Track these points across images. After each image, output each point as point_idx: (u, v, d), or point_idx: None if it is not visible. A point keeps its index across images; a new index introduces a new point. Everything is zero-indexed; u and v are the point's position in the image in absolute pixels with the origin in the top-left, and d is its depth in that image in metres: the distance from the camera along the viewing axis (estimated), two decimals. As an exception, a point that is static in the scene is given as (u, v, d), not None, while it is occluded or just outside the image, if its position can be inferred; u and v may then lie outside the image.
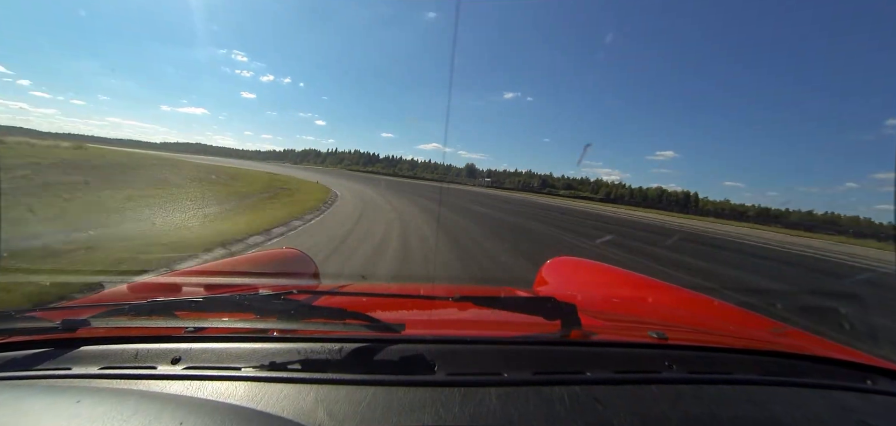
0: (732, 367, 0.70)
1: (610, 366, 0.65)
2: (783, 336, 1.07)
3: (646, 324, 1.05)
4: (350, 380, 0.56)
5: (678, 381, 0.63)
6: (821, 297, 5.61)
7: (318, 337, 0.67)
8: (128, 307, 0.69)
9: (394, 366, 0.60)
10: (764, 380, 0.66)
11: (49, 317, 0.64)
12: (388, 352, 0.63)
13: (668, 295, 1.41)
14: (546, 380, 0.60)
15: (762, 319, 1.18)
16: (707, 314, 1.26)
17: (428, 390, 0.56)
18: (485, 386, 0.57)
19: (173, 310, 0.68)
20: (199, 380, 0.56)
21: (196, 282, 1.17)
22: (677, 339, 0.79)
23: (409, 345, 0.64)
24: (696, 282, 5.95)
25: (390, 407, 0.52)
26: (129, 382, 0.56)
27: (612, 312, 1.22)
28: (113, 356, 0.62)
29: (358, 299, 1.09)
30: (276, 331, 0.68)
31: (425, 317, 0.97)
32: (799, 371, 0.73)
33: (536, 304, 0.89)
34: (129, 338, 0.65)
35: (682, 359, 0.70)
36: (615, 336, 0.87)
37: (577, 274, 1.77)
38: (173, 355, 0.61)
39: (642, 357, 0.70)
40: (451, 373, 0.60)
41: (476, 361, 0.63)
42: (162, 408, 0.44)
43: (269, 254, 1.60)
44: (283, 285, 1.30)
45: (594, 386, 0.59)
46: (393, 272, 4.76)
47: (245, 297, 0.77)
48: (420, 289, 1.59)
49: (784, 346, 0.85)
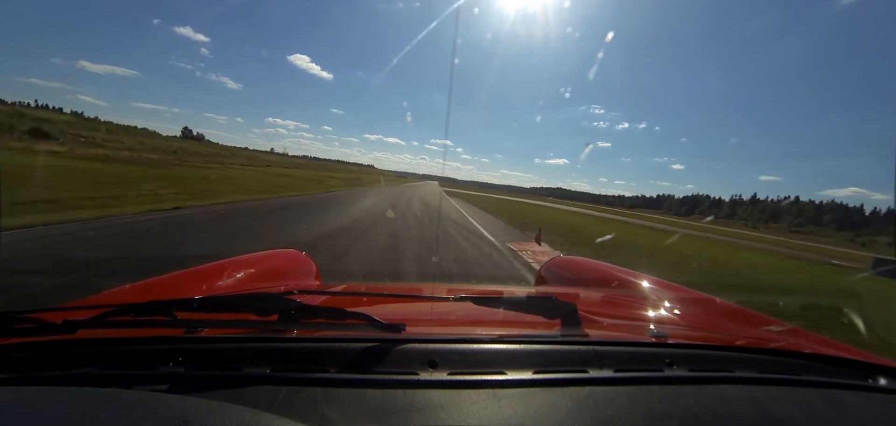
0: (733, 366, 0.70)
1: (611, 365, 0.65)
2: (784, 334, 1.07)
3: (646, 323, 1.05)
4: (351, 381, 0.56)
5: (679, 380, 0.63)
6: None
7: (318, 337, 0.66)
8: (128, 307, 0.69)
9: (395, 366, 0.60)
10: (764, 379, 0.66)
11: (49, 317, 0.64)
12: (389, 352, 0.63)
13: (669, 294, 1.41)
14: (547, 380, 0.60)
15: (762, 318, 1.18)
16: (707, 313, 1.26)
17: (429, 390, 0.56)
18: (486, 386, 0.57)
19: (174, 311, 0.67)
20: (200, 381, 0.56)
21: (196, 282, 1.16)
22: (678, 338, 0.79)
23: (409, 345, 0.64)
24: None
25: (391, 407, 0.52)
26: (130, 383, 0.56)
27: (613, 311, 1.22)
28: (114, 357, 0.62)
29: (358, 299, 1.09)
30: (276, 331, 0.68)
31: (426, 317, 0.97)
32: (799, 369, 0.73)
33: (537, 304, 0.89)
34: (129, 339, 0.65)
35: (682, 357, 0.70)
36: (616, 335, 0.87)
37: (577, 273, 1.77)
38: (174, 356, 0.61)
39: (643, 356, 0.70)
40: (453, 372, 0.60)
41: (477, 361, 0.63)
42: (163, 408, 0.44)
43: (269, 255, 1.60)
44: (284, 285, 1.29)
45: (595, 385, 0.59)
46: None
47: (245, 297, 0.77)
48: (421, 289, 1.59)
49: (784, 345, 0.85)
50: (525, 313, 0.92)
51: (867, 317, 5.08)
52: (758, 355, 0.75)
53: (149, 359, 0.61)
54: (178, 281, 1.15)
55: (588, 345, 0.69)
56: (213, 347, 0.64)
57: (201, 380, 0.56)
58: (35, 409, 0.44)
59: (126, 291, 1.02)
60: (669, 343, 0.74)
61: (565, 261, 2.08)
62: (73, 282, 3.38)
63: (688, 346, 0.75)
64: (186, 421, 0.41)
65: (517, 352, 0.65)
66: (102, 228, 5.61)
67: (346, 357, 0.61)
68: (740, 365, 0.71)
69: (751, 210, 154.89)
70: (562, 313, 0.77)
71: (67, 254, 4.22)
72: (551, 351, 0.67)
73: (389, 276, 4.73)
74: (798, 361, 0.75)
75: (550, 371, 0.62)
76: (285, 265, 1.55)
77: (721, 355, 0.73)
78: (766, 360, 0.74)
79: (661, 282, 1.53)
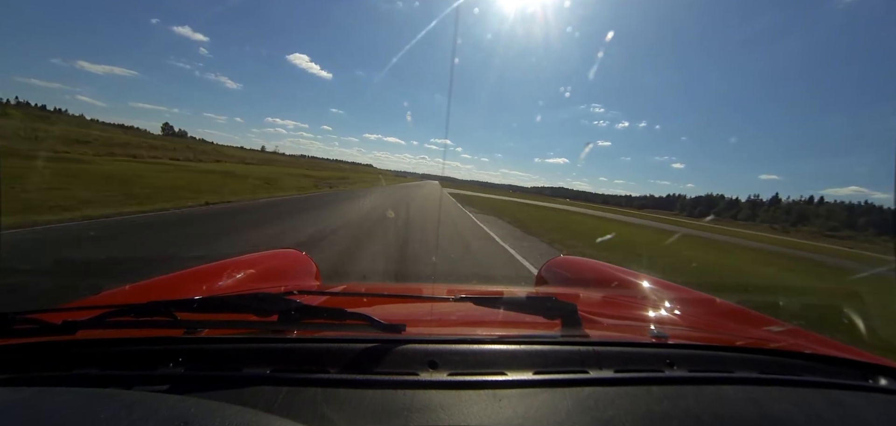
0: (733, 366, 0.70)
1: (611, 366, 0.65)
2: (784, 335, 1.07)
3: (646, 324, 1.04)
4: (351, 381, 0.56)
5: (679, 380, 0.63)
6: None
7: (318, 337, 0.66)
8: (128, 308, 0.69)
9: (395, 367, 0.60)
10: (764, 379, 0.66)
11: (49, 318, 0.64)
12: (389, 352, 0.63)
13: (669, 294, 1.41)
14: (548, 380, 0.60)
15: (763, 318, 1.18)
16: (708, 313, 1.26)
17: (429, 391, 0.56)
18: (486, 386, 0.57)
19: (174, 311, 0.67)
20: (200, 381, 0.56)
21: (196, 282, 1.17)
22: (678, 338, 0.79)
23: (409, 345, 0.64)
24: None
25: (391, 408, 0.52)
26: (130, 383, 0.56)
27: (613, 312, 1.22)
28: (113, 357, 0.62)
29: (358, 300, 1.09)
30: (276, 331, 0.68)
31: (426, 317, 0.97)
32: (799, 369, 0.73)
33: (537, 304, 0.89)
34: (129, 340, 0.65)
35: (683, 358, 0.70)
36: (616, 335, 0.87)
37: (577, 273, 1.77)
38: (174, 356, 0.61)
39: (643, 356, 0.70)
40: (453, 373, 0.60)
41: (477, 361, 0.63)
42: (163, 409, 0.44)
43: (269, 255, 1.60)
44: (284, 286, 1.30)
45: (596, 385, 0.59)
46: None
47: (245, 298, 0.77)
48: (421, 289, 1.59)
49: (785, 345, 0.85)
50: (525, 313, 0.92)
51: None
52: (758, 355, 0.75)
53: (149, 359, 0.61)
54: (178, 281, 1.15)
55: (588, 346, 0.69)
56: (214, 348, 0.64)
57: (201, 381, 0.56)
58: (35, 409, 0.44)
59: (126, 292, 1.02)
60: (670, 343, 0.74)
61: (565, 261, 2.08)
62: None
63: (688, 347, 0.75)
64: (187, 421, 0.41)
65: (517, 352, 0.65)
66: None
67: (346, 357, 0.61)
68: (741, 365, 0.71)
69: (773, 211, 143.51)
70: (562, 313, 0.77)
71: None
72: (551, 351, 0.67)
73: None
74: (798, 361, 0.75)
75: (551, 371, 0.62)
76: (285, 265, 1.55)
77: (721, 355, 0.73)
78: (767, 361, 0.74)
79: (661, 283, 1.53)
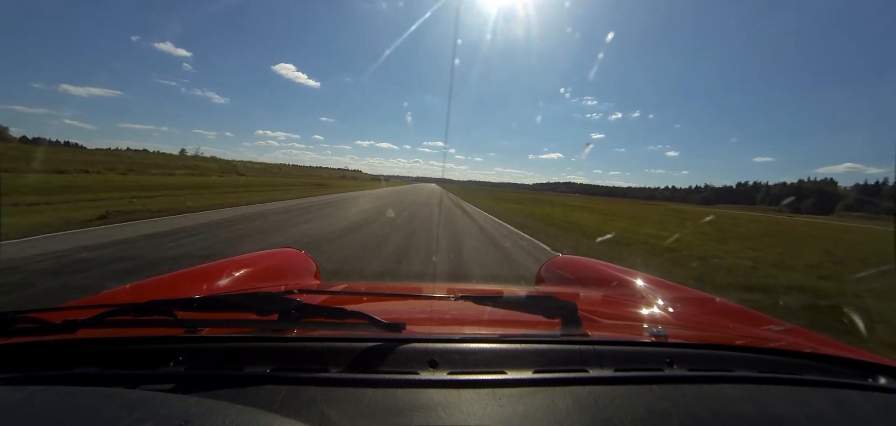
0: (733, 365, 0.70)
1: (611, 365, 0.65)
2: (784, 334, 1.07)
3: (646, 323, 1.05)
4: (351, 380, 0.56)
5: (679, 380, 0.63)
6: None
7: (318, 336, 0.66)
8: (128, 307, 0.69)
9: (395, 366, 0.60)
10: (765, 378, 0.66)
11: (50, 317, 0.64)
12: (389, 351, 0.63)
13: (669, 293, 1.41)
14: (547, 379, 0.60)
15: (762, 317, 1.18)
16: (707, 312, 1.26)
17: (429, 390, 0.56)
18: (486, 385, 0.57)
19: (174, 310, 0.67)
20: (201, 380, 0.56)
21: (197, 281, 1.17)
22: (678, 337, 0.79)
23: (410, 344, 0.64)
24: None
25: (391, 407, 0.52)
26: (131, 383, 0.56)
27: (613, 311, 1.22)
28: (114, 356, 0.62)
29: (358, 299, 1.09)
30: (276, 330, 0.68)
31: (426, 316, 0.97)
32: (799, 368, 0.73)
33: (537, 303, 0.89)
34: (129, 339, 0.65)
35: (682, 357, 0.70)
36: (616, 334, 0.87)
37: (576, 273, 1.77)
38: (174, 355, 0.61)
39: (643, 355, 0.70)
40: (453, 372, 0.60)
41: (477, 360, 0.63)
42: (163, 408, 0.44)
43: (269, 254, 1.60)
44: (284, 285, 1.30)
45: (595, 384, 0.59)
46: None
47: (245, 297, 0.77)
48: (421, 288, 1.59)
49: (785, 344, 0.85)
50: (525, 313, 0.92)
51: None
52: (758, 354, 0.75)
53: (149, 358, 0.61)
54: (179, 280, 1.15)
55: (588, 345, 0.69)
56: (214, 347, 0.64)
57: (202, 380, 0.56)
58: (35, 409, 0.44)
59: (126, 291, 1.03)
60: (669, 342, 0.74)
61: (565, 260, 2.08)
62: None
63: (688, 346, 0.75)
64: (187, 420, 0.41)
65: (517, 351, 0.65)
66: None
67: (346, 356, 0.61)
68: (740, 364, 0.71)
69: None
70: (562, 313, 0.77)
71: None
72: (551, 350, 0.67)
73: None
74: (798, 360, 0.75)
75: (550, 370, 0.62)
76: (285, 264, 1.55)
77: (721, 354, 0.73)
78: (767, 360, 0.74)
79: (661, 282, 1.53)
